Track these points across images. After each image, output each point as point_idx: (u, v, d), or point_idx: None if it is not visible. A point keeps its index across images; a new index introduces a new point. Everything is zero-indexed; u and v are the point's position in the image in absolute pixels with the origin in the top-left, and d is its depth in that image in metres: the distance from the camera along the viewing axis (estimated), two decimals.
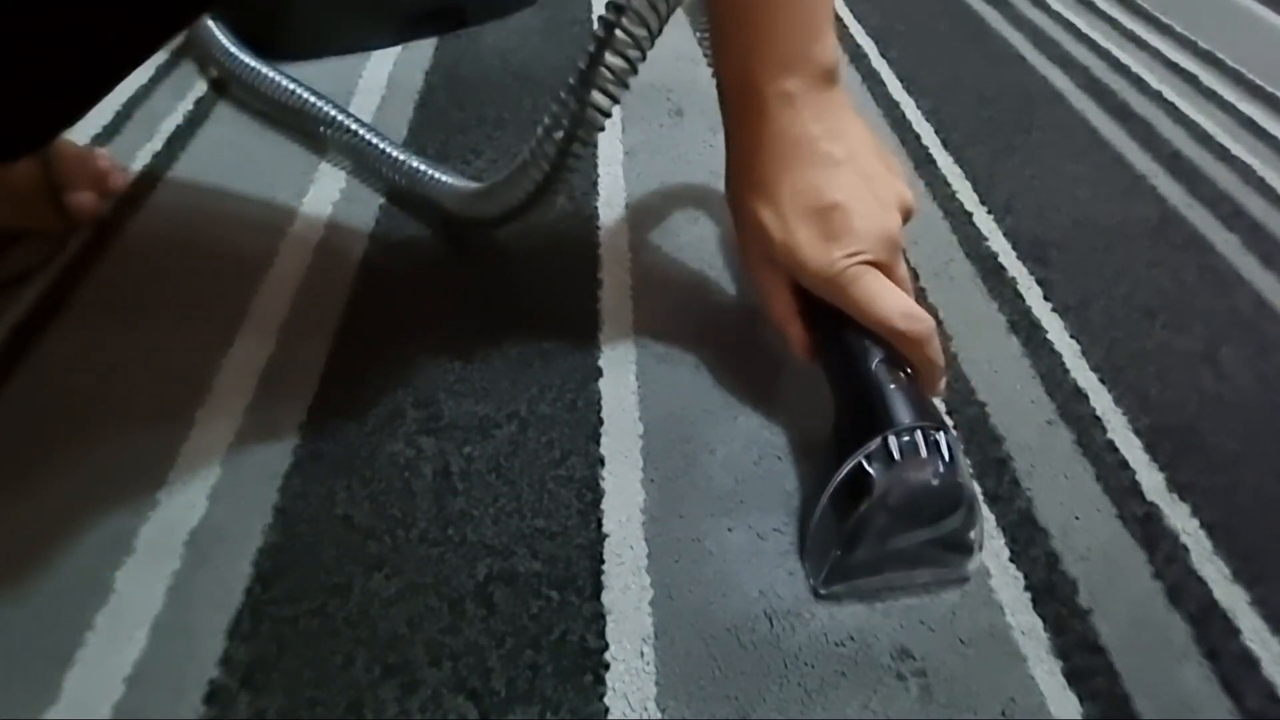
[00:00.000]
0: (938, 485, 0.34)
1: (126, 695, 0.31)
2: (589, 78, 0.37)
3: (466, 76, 0.69)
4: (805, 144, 0.37)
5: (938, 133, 0.65)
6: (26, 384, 0.43)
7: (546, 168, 0.40)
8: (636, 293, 0.49)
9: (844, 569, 0.35)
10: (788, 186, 0.38)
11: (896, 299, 0.36)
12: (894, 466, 0.34)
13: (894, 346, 0.37)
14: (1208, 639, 0.34)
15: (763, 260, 0.40)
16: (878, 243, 0.37)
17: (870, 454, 0.34)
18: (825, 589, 0.35)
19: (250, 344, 0.45)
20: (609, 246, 0.52)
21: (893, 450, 0.34)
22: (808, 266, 0.37)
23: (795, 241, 0.37)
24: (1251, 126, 0.67)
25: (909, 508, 0.34)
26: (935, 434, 0.34)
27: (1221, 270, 0.53)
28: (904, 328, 0.36)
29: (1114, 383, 0.45)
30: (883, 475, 0.34)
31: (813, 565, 0.36)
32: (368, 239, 0.52)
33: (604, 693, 0.32)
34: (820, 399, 0.39)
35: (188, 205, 0.55)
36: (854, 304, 0.37)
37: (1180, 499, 0.40)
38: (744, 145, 0.40)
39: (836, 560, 0.35)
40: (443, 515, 0.38)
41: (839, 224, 0.36)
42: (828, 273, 0.37)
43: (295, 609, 0.34)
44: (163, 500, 0.38)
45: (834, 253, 0.36)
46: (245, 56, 0.62)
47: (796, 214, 0.37)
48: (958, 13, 0.84)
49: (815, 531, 0.36)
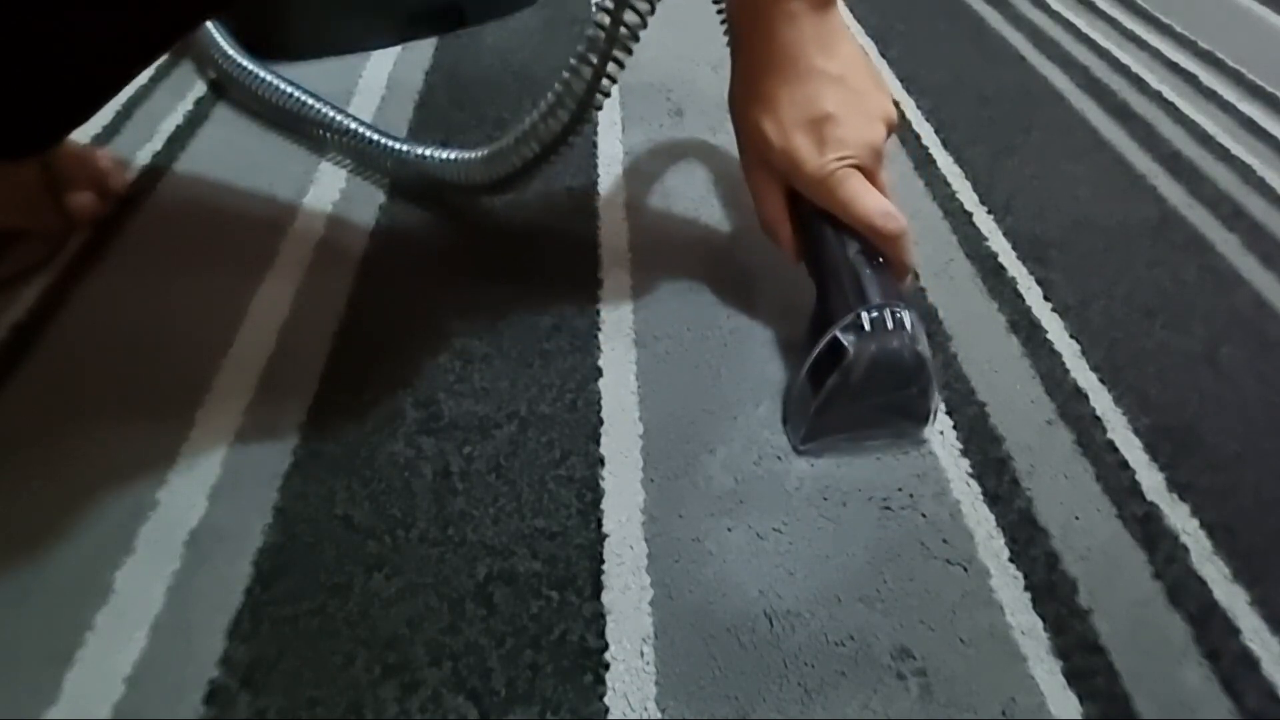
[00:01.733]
0: (902, 354, 0.39)
1: (126, 695, 0.31)
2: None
3: (466, 76, 0.69)
4: (804, 61, 0.41)
5: (938, 133, 0.65)
6: (27, 384, 0.43)
7: (580, 94, 0.41)
8: (637, 293, 0.49)
9: (819, 427, 0.41)
10: (786, 99, 0.42)
11: (877, 199, 0.41)
12: (864, 336, 0.39)
13: (871, 241, 0.41)
14: (1208, 639, 0.34)
15: (760, 168, 0.44)
16: (864, 150, 0.41)
17: (844, 326, 0.39)
18: (804, 445, 0.41)
19: (250, 344, 0.45)
20: (609, 247, 0.52)
21: (864, 323, 0.39)
22: (802, 169, 0.41)
23: (792, 147, 0.41)
24: (1251, 126, 0.67)
25: (876, 372, 0.39)
26: (901, 311, 0.39)
27: (1221, 270, 0.53)
28: (881, 225, 0.40)
29: (1114, 383, 0.45)
30: (854, 343, 0.39)
31: (793, 427, 0.42)
32: (368, 238, 0.52)
33: (604, 693, 0.32)
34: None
35: (187, 205, 0.55)
36: (839, 202, 0.41)
37: (1180, 499, 0.40)
38: (749, 63, 0.43)
39: (814, 419, 0.40)
40: (443, 515, 0.38)
41: (830, 132, 0.41)
42: (819, 174, 0.41)
43: (295, 609, 0.34)
44: (163, 500, 0.38)
45: (826, 156, 0.41)
46: (242, 59, 0.62)
47: (794, 123, 0.41)
48: (958, 13, 0.84)
49: (795, 398, 0.42)
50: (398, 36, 0.74)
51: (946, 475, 0.40)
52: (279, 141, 0.61)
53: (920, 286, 0.51)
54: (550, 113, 0.43)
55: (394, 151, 0.54)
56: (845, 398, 0.39)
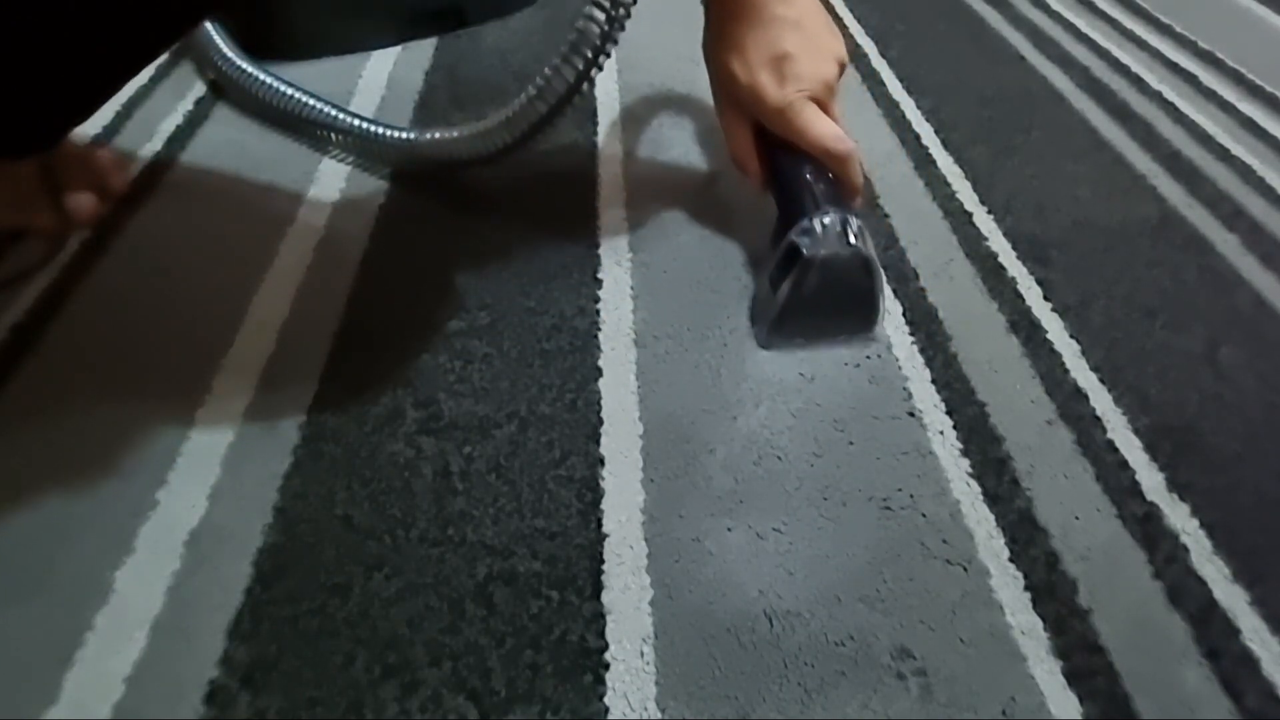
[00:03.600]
0: (850, 256, 0.44)
1: (126, 695, 0.31)
2: None
3: (466, 76, 0.69)
4: (766, 9, 0.47)
5: (938, 133, 0.65)
6: (27, 383, 0.43)
7: (598, 43, 0.44)
8: (637, 293, 0.49)
9: (781, 325, 0.46)
10: (751, 42, 0.48)
11: (829, 125, 0.47)
12: (816, 239, 0.44)
13: (824, 163, 0.47)
14: (1208, 639, 0.34)
15: (731, 108, 0.50)
16: (818, 84, 0.47)
17: (799, 231, 0.44)
18: (768, 343, 0.46)
19: (250, 344, 0.45)
20: (608, 246, 0.53)
21: (816, 228, 0.44)
22: (765, 101, 0.47)
23: (757, 83, 0.47)
24: (1251, 126, 0.67)
25: (828, 272, 0.44)
26: (850, 219, 0.44)
27: (1221, 270, 0.53)
28: (833, 146, 0.47)
29: (1114, 383, 0.45)
30: (808, 245, 0.44)
31: (758, 328, 0.47)
32: (368, 238, 0.52)
33: (604, 693, 0.32)
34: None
35: (187, 205, 0.55)
36: (797, 129, 0.47)
37: (1180, 499, 0.40)
38: (719, 14, 0.49)
39: (775, 319, 0.45)
40: (443, 515, 0.38)
41: (789, 69, 0.47)
42: (780, 104, 0.47)
43: (295, 609, 0.34)
44: (163, 500, 0.38)
45: (785, 89, 0.47)
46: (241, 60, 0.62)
47: (758, 62, 0.47)
48: (958, 13, 0.84)
49: (759, 301, 0.48)
50: (398, 36, 0.74)
51: (946, 475, 0.40)
52: (279, 141, 0.61)
53: (920, 286, 0.51)
54: (566, 62, 0.46)
55: (399, 141, 0.55)
56: (802, 296, 0.44)
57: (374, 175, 0.58)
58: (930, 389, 0.44)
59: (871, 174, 0.60)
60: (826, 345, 0.46)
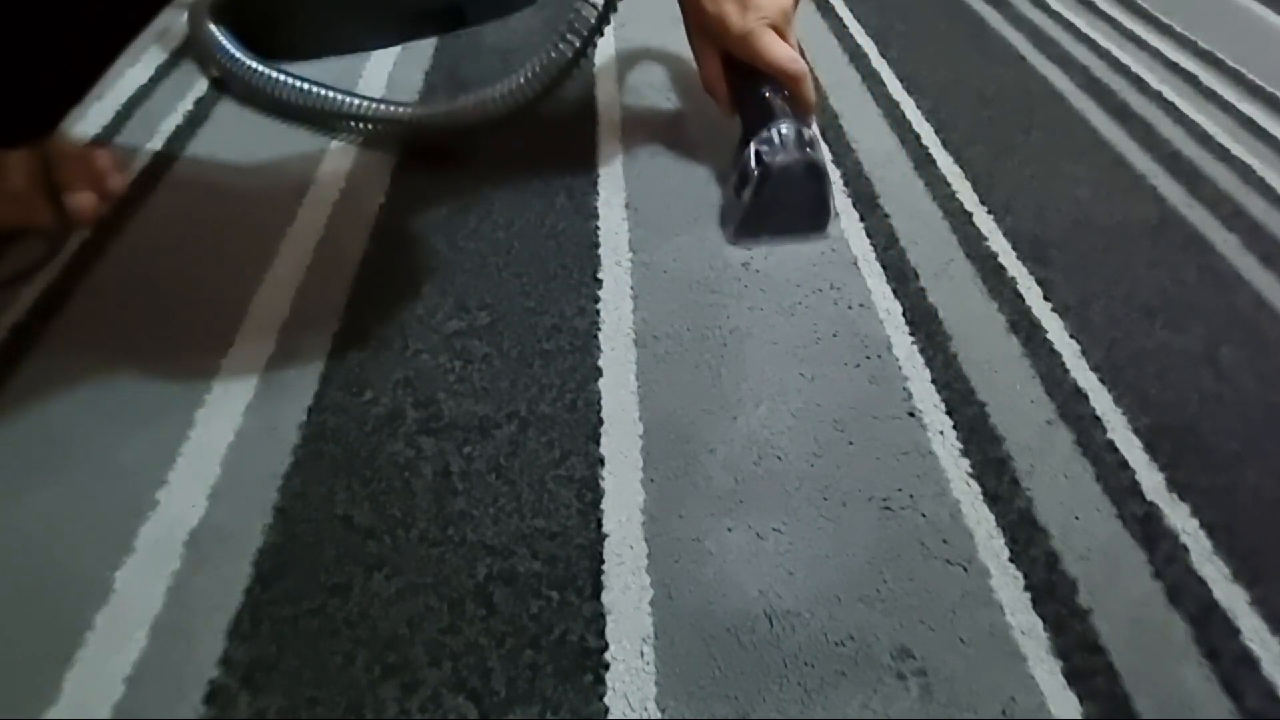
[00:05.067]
0: (804, 160, 0.51)
1: (126, 695, 0.31)
2: None
3: (466, 76, 0.69)
4: None
5: (938, 133, 0.65)
6: (27, 383, 0.43)
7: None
8: (637, 293, 0.49)
9: (746, 224, 0.52)
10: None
11: (785, 49, 0.53)
12: (774, 147, 0.51)
13: (780, 83, 0.53)
14: (1208, 639, 0.34)
15: (700, 38, 0.56)
16: (777, 12, 0.53)
17: (759, 140, 0.51)
18: (735, 241, 0.53)
19: (250, 344, 0.45)
20: (608, 240, 0.53)
21: (774, 137, 0.51)
22: (729, 29, 0.53)
23: (723, 12, 0.53)
24: (1251, 126, 0.67)
25: (785, 175, 0.51)
26: (803, 129, 0.51)
27: (1221, 270, 0.53)
28: (788, 66, 0.53)
29: (1114, 383, 0.45)
30: (768, 153, 0.50)
31: (726, 228, 0.54)
32: (368, 238, 0.52)
33: (604, 693, 0.32)
34: None
35: (187, 205, 0.55)
36: (757, 52, 0.53)
37: (1180, 499, 0.40)
38: None
39: (741, 219, 0.52)
40: (443, 515, 0.38)
41: (750, 0, 0.53)
42: (742, 30, 0.53)
43: (295, 609, 0.34)
44: (163, 500, 0.38)
45: (747, 17, 0.52)
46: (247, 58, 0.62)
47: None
48: (958, 13, 0.84)
49: (726, 204, 0.55)
50: (398, 36, 0.74)
51: (946, 475, 0.40)
52: (279, 142, 0.61)
53: (920, 286, 0.51)
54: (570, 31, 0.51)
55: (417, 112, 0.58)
56: (762, 198, 0.51)
57: (374, 175, 0.58)
58: (930, 389, 0.44)
59: (871, 174, 0.60)
60: (787, 241, 0.53)
